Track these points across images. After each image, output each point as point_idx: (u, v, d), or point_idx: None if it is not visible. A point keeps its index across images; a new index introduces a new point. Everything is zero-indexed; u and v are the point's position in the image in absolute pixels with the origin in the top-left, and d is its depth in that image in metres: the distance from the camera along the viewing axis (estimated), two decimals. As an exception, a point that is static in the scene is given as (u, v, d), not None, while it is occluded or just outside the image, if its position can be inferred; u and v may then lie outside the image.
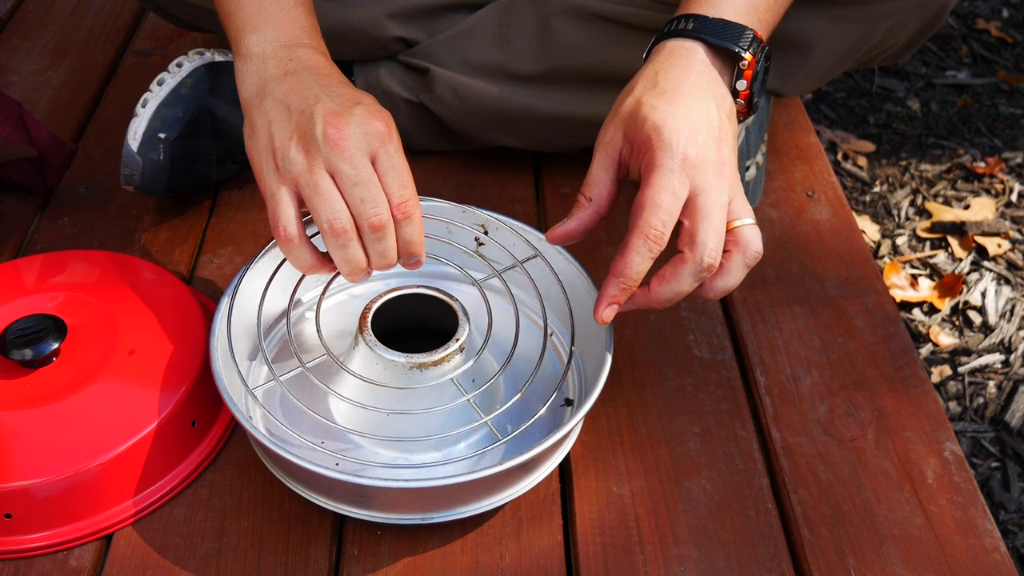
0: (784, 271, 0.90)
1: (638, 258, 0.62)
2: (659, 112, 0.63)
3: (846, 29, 0.85)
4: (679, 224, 0.63)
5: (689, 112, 0.63)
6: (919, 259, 1.39)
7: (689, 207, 0.62)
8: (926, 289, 1.34)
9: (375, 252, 0.66)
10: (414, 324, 0.74)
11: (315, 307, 0.73)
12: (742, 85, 0.66)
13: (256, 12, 0.72)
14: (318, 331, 0.71)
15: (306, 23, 0.73)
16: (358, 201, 0.64)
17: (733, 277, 0.63)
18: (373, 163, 0.65)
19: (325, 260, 0.68)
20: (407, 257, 0.68)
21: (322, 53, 0.72)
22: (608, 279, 0.64)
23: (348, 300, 0.82)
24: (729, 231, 0.63)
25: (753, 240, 0.64)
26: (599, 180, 0.66)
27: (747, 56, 0.65)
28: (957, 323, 1.30)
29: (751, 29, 0.66)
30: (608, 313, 0.64)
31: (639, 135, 0.63)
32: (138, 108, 0.88)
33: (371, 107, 0.67)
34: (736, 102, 0.67)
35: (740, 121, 0.68)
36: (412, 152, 1.03)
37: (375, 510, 0.66)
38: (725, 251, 0.63)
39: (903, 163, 1.56)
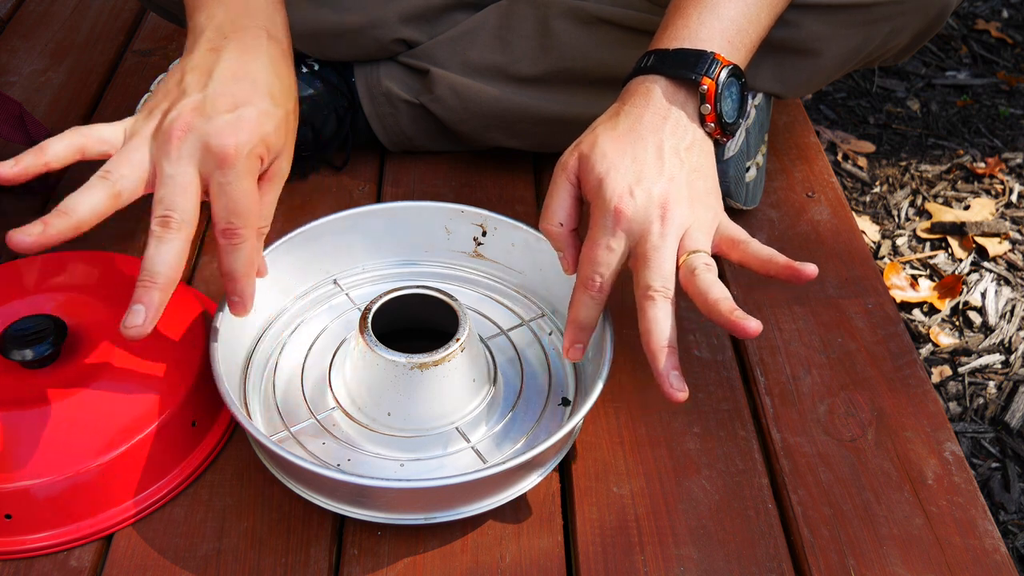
0: (784, 271, 0.89)
1: (584, 307, 0.67)
2: (607, 163, 0.67)
3: (847, 33, 0.86)
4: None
5: (635, 160, 0.67)
6: (919, 260, 1.39)
7: (633, 254, 0.66)
8: (926, 289, 1.34)
9: (157, 253, 0.63)
10: (414, 324, 0.74)
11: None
12: (706, 109, 0.69)
13: None
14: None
15: (262, 3, 0.71)
16: (156, 199, 0.63)
17: (712, 294, 0.64)
18: (206, 180, 0.64)
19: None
20: (227, 286, 0.68)
21: (268, 33, 0.70)
22: (567, 325, 0.69)
23: (346, 301, 0.82)
24: (680, 265, 0.65)
25: (698, 268, 0.65)
26: (563, 204, 0.69)
27: (704, 81, 0.68)
28: (957, 323, 1.30)
29: (710, 52, 0.69)
30: (574, 352, 0.69)
31: (587, 182, 0.67)
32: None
33: (240, 121, 0.64)
34: (706, 126, 0.70)
35: (721, 142, 0.72)
36: (412, 152, 1.03)
37: (375, 510, 0.66)
38: (681, 280, 0.65)
39: (903, 163, 1.56)
